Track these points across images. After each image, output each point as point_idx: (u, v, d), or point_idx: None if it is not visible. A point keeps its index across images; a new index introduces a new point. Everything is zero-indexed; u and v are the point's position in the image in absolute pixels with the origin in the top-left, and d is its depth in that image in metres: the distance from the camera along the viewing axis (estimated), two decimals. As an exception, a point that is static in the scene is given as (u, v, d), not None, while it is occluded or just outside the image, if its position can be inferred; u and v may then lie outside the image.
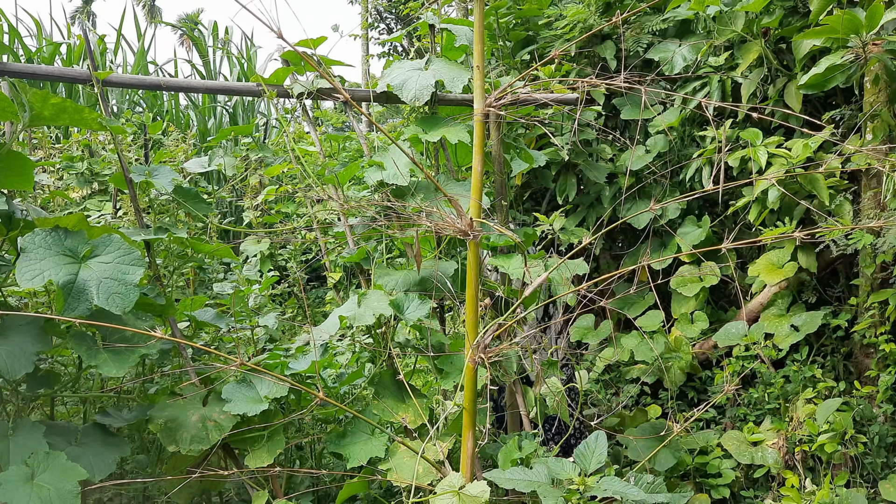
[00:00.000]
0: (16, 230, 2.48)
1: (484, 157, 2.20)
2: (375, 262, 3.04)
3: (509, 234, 2.14)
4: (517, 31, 4.70)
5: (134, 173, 2.91)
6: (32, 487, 2.07)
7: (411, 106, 3.25)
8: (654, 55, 4.23)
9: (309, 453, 3.29)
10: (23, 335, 2.31)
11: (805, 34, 3.31)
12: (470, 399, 2.24)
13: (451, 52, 3.29)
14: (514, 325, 3.01)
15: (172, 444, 2.52)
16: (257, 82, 3.21)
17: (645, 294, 4.14)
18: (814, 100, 3.89)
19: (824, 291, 3.75)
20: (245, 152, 5.22)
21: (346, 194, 3.34)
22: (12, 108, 2.37)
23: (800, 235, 1.84)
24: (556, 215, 3.88)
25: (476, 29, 2.09)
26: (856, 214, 3.44)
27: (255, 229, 5.50)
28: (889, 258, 3.29)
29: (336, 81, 2.34)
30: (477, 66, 2.05)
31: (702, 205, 4.19)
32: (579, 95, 3.52)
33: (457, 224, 1.96)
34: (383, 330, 2.93)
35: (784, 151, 3.46)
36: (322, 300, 5.80)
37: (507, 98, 2.04)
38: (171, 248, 3.24)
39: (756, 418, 3.52)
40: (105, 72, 2.92)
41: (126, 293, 2.31)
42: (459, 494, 2.04)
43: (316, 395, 2.11)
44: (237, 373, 2.66)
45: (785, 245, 3.68)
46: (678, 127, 4.16)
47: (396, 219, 2.73)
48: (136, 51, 9.11)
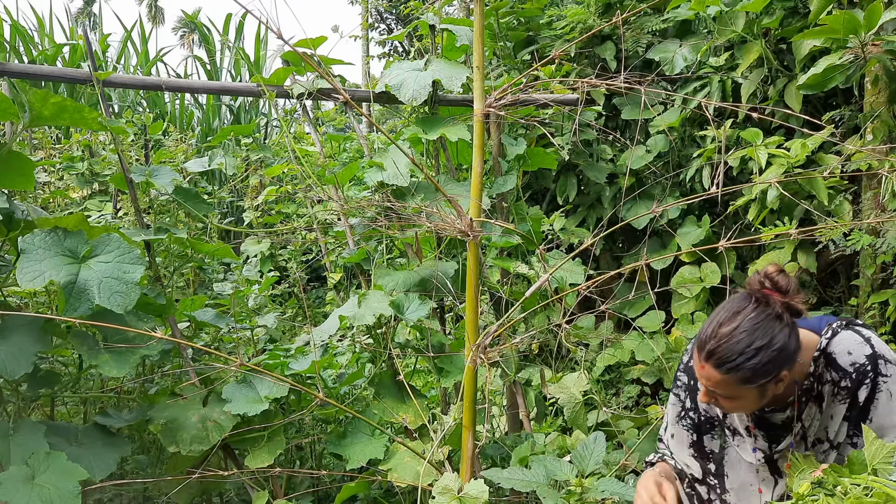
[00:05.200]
0: (16, 230, 2.48)
1: (483, 158, 2.20)
2: (376, 263, 3.05)
3: (510, 226, 2.14)
4: (518, 32, 4.70)
5: (134, 173, 2.91)
6: (33, 487, 2.07)
7: (410, 106, 3.25)
8: (655, 55, 4.23)
9: (309, 454, 3.29)
10: (23, 335, 2.31)
11: (805, 34, 3.31)
12: (469, 400, 2.25)
13: (452, 52, 3.29)
14: (514, 326, 3.01)
15: (173, 445, 2.53)
16: (257, 83, 3.21)
17: (645, 294, 4.15)
18: (814, 100, 3.89)
19: (824, 292, 3.75)
20: (246, 152, 5.23)
21: (346, 195, 3.35)
22: (13, 108, 2.38)
23: (798, 234, 1.85)
24: (556, 215, 3.88)
25: (476, 29, 2.10)
26: (856, 215, 3.44)
27: (255, 229, 5.51)
28: (889, 259, 3.29)
29: (335, 82, 2.34)
30: (477, 67, 2.05)
31: (702, 205, 4.19)
32: (579, 96, 3.52)
33: (456, 224, 1.96)
34: (383, 330, 2.93)
35: (784, 152, 3.46)
36: (322, 300, 5.80)
37: (506, 98, 2.04)
38: (171, 249, 3.24)
39: (756, 419, 3.52)
40: (105, 72, 2.92)
41: (127, 292, 2.31)
42: (460, 499, 2.04)
43: (316, 395, 2.11)
44: (237, 373, 2.66)
45: (785, 245, 3.68)
46: (678, 127, 4.16)
47: (397, 219, 2.73)
48: (140, 51, 9.12)
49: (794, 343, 1.53)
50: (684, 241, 4.00)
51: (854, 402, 1.57)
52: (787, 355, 1.52)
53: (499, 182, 3.18)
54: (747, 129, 3.69)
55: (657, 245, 4.35)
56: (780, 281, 1.59)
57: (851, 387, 1.57)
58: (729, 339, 1.52)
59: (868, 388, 1.55)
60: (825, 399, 1.62)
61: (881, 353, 1.58)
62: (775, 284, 1.59)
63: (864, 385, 1.56)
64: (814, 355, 1.62)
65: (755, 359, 1.50)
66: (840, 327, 1.65)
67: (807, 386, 1.63)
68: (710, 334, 1.55)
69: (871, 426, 1.54)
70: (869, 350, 1.58)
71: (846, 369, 1.58)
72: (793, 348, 1.52)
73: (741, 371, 1.51)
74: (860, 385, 1.56)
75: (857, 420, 1.57)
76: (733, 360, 1.51)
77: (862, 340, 1.60)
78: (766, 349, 1.50)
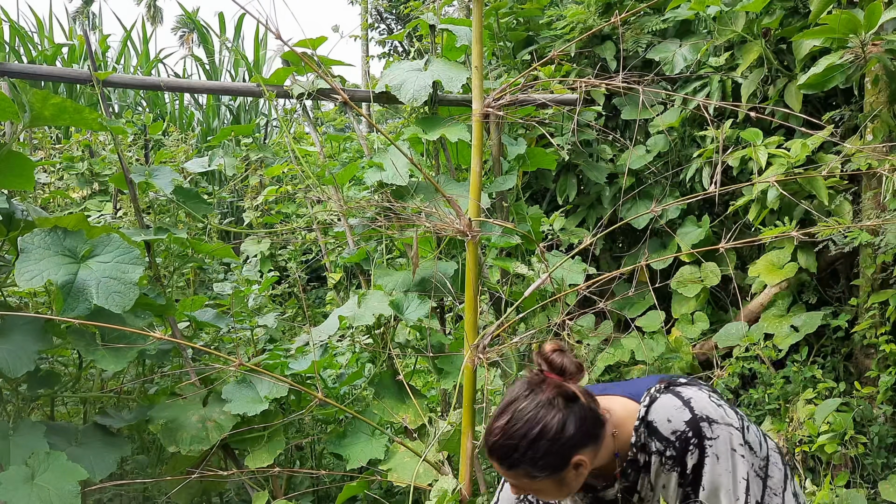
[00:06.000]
0: (16, 230, 2.48)
1: (482, 158, 2.20)
2: (375, 263, 3.05)
3: (510, 225, 2.14)
4: (518, 32, 4.70)
5: (134, 174, 2.91)
6: (33, 487, 2.07)
7: (410, 106, 3.25)
8: (655, 55, 4.23)
9: (309, 454, 3.29)
10: (24, 334, 2.31)
11: (805, 34, 3.31)
12: (468, 400, 2.24)
13: (452, 52, 3.29)
14: (513, 326, 3.01)
15: (172, 445, 2.53)
16: (257, 83, 3.21)
17: (645, 294, 4.15)
18: (814, 100, 3.89)
19: (824, 292, 3.75)
20: (246, 153, 5.23)
21: (346, 195, 3.35)
22: (13, 108, 2.38)
23: (797, 234, 1.84)
24: (556, 216, 3.88)
25: (474, 29, 2.09)
26: (856, 214, 3.44)
27: (255, 230, 5.51)
28: (889, 258, 3.28)
29: (335, 82, 2.34)
30: (475, 67, 2.05)
31: (702, 205, 4.19)
32: (578, 96, 3.52)
33: (455, 224, 1.96)
34: (383, 330, 2.93)
35: (784, 152, 3.46)
36: (322, 300, 5.80)
37: (505, 98, 2.04)
38: (171, 249, 3.24)
39: (756, 419, 3.52)
40: (105, 72, 2.92)
41: (126, 292, 2.31)
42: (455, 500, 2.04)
43: (315, 395, 2.11)
44: (237, 373, 2.66)
45: (785, 245, 3.68)
46: (678, 127, 4.16)
47: (396, 219, 2.73)
48: (140, 52, 9.12)
49: (571, 428, 1.43)
50: (684, 241, 4.00)
51: (683, 470, 1.47)
52: (568, 442, 1.43)
53: (498, 181, 3.18)
54: (747, 129, 3.68)
55: (657, 245, 4.35)
56: (554, 360, 1.50)
57: (677, 455, 1.47)
58: (502, 435, 1.45)
59: (694, 455, 1.46)
60: (653, 469, 1.52)
61: (703, 414, 1.47)
62: (551, 365, 1.50)
63: (689, 453, 1.46)
64: (634, 425, 1.51)
65: (530, 452, 1.42)
66: (659, 392, 1.53)
67: (631, 457, 1.53)
68: (489, 429, 1.48)
69: (704, 494, 1.45)
70: (688, 415, 1.47)
71: (669, 438, 1.47)
72: (570, 433, 1.43)
73: (522, 466, 1.44)
74: (686, 453, 1.46)
75: (693, 486, 1.47)
76: (511, 456, 1.44)
77: (681, 405, 1.48)
78: (540, 441, 1.42)
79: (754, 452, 1.49)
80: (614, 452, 1.54)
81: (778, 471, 1.52)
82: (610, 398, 1.58)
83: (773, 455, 1.54)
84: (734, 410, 1.53)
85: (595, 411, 1.49)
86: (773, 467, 1.52)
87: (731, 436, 1.46)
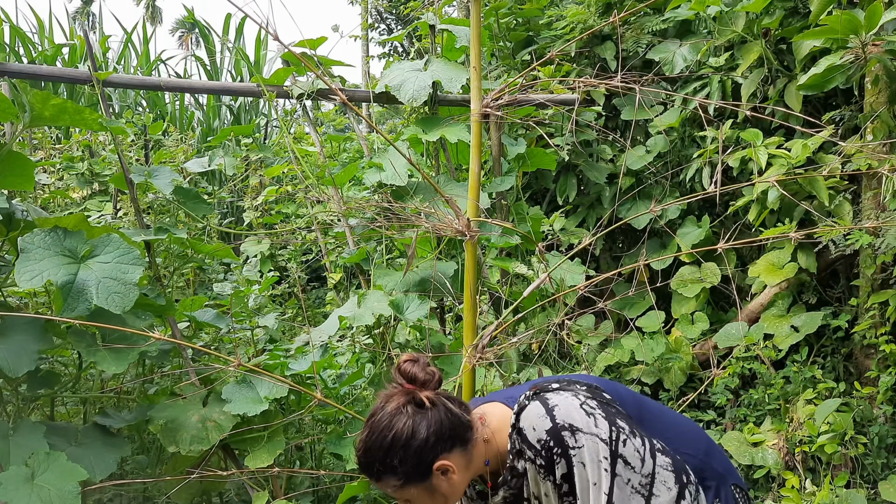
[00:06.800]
0: (16, 230, 2.48)
1: (482, 158, 2.20)
2: (375, 263, 3.05)
3: (509, 225, 2.14)
4: (517, 32, 4.70)
5: (134, 174, 2.91)
6: (33, 488, 2.07)
7: (410, 106, 3.25)
8: (655, 55, 4.23)
9: (309, 454, 3.29)
10: (24, 334, 2.31)
11: (805, 35, 3.32)
12: (468, 400, 2.24)
13: (452, 52, 3.29)
14: (513, 326, 3.01)
15: (172, 445, 2.53)
16: (257, 83, 3.21)
17: (645, 294, 4.15)
18: (814, 100, 3.89)
19: (824, 292, 3.75)
20: (246, 153, 5.23)
21: (345, 195, 3.35)
22: (13, 108, 2.38)
23: (797, 235, 1.84)
24: (556, 216, 3.88)
25: (473, 29, 2.09)
26: (856, 215, 3.44)
27: (255, 230, 5.51)
28: (889, 259, 3.28)
29: (334, 82, 2.34)
30: (474, 67, 2.05)
31: (702, 205, 4.19)
32: (578, 96, 3.52)
33: (454, 225, 1.96)
34: (383, 330, 2.94)
35: (784, 152, 3.46)
36: (322, 301, 5.80)
37: (504, 98, 2.04)
38: (171, 249, 3.24)
39: (756, 419, 3.52)
40: (105, 72, 2.93)
41: (126, 292, 2.31)
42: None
43: (314, 395, 2.11)
44: (237, 373, 2.66)
45: (785, 246, 3.68)
46: (678, 127, 4.16)
47: (396, 220, 2.73)
48: (140, 52, 9.12)
49: (423, 432, 1.45)
50: (684, 242, 4.00)
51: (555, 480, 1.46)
52: (421, 447, 1.45)
53: (497, 181, 3.18)
54: (747, 129, 3.69)
55: (657, 245, 4.35)
56: (406, 370, 1.53)
57: (546, 465, 1.46)
58: (363, 449, 1.49)
59: (561, 464, 1.44)
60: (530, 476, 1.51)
61: (565, 423, 1.44)
62: (404, 375, 1.53)
63: (556, 463, 1.44)
64: (509, 432, 1.51)
65: (388, 461, 1.45)
66: (528, 399, 1.51)
67: (510, 464, 1.53)
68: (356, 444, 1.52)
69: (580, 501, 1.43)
70: (549, 424, 1.44)
71: (536, 447, 1.46)
72: (422, 437, 1.44)
73: (385, 477, 1.48)
74: (553, 463, 1.45)
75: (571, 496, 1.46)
76: (373, 467, 1.48)
77: (544, 413, 1.46)
78: (394, 449, 1.45)
79: (631, 467, 1.43)
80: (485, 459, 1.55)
81: (666, 490, 1.43)
82: (491, 405, 1.60)
83: (664, 473, 1.45)
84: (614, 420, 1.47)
85: (457, 416, 1.50)
86: (660, 486, 1.43)
87: (597, 446, 1.42)
